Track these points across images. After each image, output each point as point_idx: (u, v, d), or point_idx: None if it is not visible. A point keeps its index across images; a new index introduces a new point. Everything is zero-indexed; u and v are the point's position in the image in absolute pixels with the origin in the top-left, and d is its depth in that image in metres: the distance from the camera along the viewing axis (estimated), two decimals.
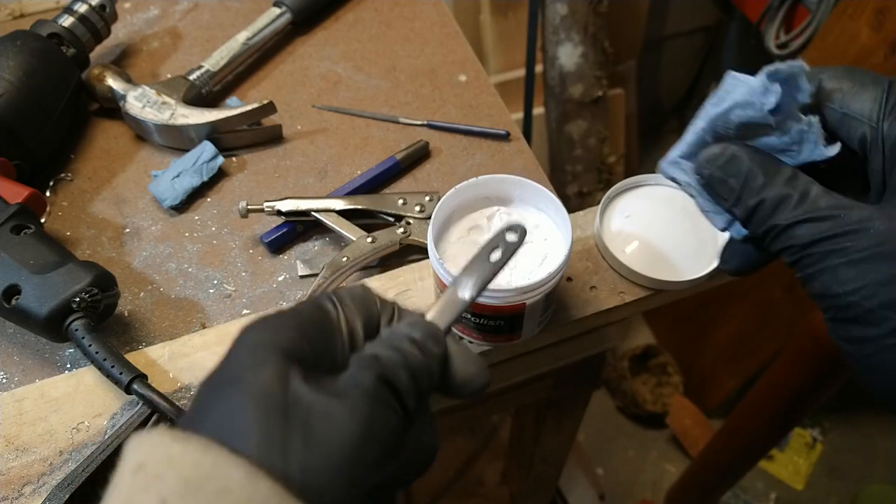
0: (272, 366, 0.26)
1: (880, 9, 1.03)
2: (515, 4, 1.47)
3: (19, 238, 0.51)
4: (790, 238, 0.30)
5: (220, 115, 0.65)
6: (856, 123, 0.31)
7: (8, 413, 0.48)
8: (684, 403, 1.65)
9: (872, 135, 0.31)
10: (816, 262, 0.29)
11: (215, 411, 0.25)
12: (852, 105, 0.32)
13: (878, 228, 0.28)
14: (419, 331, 0.31)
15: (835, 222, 0.29)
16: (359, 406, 0.26)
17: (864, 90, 0.31)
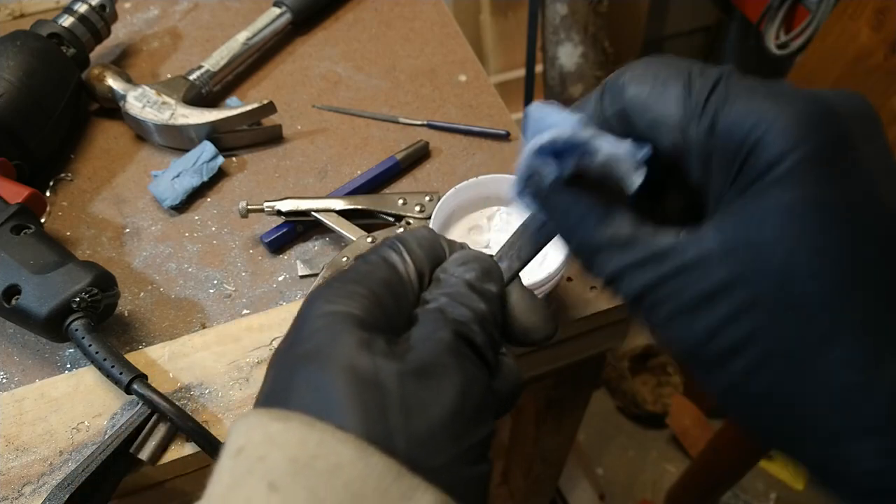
0: (352, 337, 0.25)
1: (880, 9, 1.03)
2: (515, 4, 1.47)
3: (19, 238, 0.51)
4: (620, 290, 0.27)
5: (220, 115, 0.65)
6: (664, 130, 0.26)
7: (8, 413, 0.48)
8: (684, 403, 1.65)
9: (682, 141, 0.26)
10: (651, 310, 0.26)
11: (301, 389, 0.24)
12: (656, 108, 0.26)
13: (699, 262, 0.24)
14: (473, 270, 0.30)
15: (653, 268, 0.25)
16: (447, 367, 0.25)
17: (667, 88, 0.26)
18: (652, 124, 0.26)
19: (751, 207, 0.23)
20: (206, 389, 0.49)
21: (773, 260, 0.23)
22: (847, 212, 0.22)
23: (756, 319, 0.23)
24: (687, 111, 0.25)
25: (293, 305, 0.53)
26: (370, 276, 0.28)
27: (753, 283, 0.23)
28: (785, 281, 0.23)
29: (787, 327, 0.23)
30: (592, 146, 0.26)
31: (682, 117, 0.25)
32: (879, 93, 1.05)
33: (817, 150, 0.22)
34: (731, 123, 0.24)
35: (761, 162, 0.23)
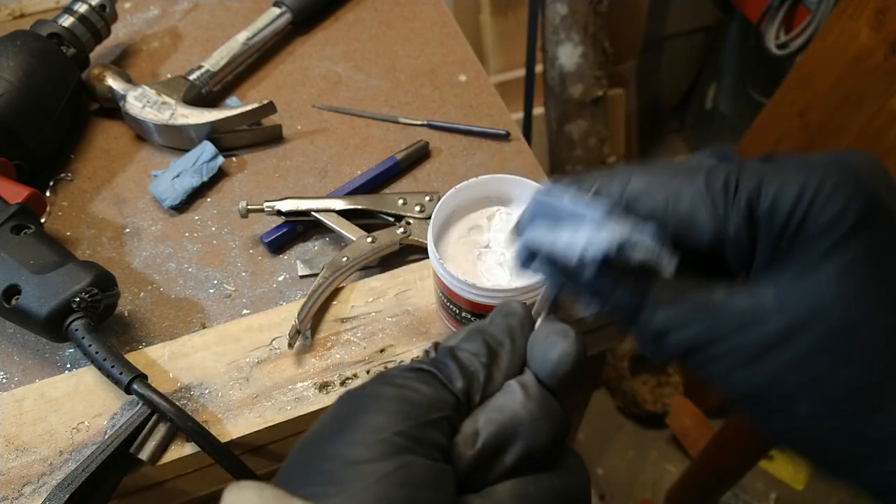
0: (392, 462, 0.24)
1: (880, 9, 1.03)
2: (515, 4, 1.47)
3: (19, 238, 0.51)
4: (667, 348, 0.27)
5: (220, 115, 0.65)
6: (695, 234, 0.26)
7: (8, 413, 0.48)
8: (684, 403, 1.65)
9: (716, 242, 0.26)
10: (702, 366, 0.26)
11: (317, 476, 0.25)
12: (677, 218, 0.27)
13: (757, 319, 0.25)
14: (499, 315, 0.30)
15: (707, 323, 0.26)
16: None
17: (682, 196, 0.26)
18: (679, 232, 0.27)
19: (804, 271, 0.24)
20: (206, 389, 0.49)
21: (833, 311, 0.24)
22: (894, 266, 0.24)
23: (812, 371, 0.24)
24: (715, 215, 0.26)
25: (293, 305, 0.53)
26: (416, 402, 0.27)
27: (813, 332, 0.24)
28: (844, 333, 0.24)
29: (844, 380, 0.24)
30: (636, 246, 0.27)
31: (713, 224, 0.26)
32: (879, 93, 1.05)
33: (864, 212, 0.24)
34: (773, 204, 0.25)
35: (814, 231, 0.24)
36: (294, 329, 0.50)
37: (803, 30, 1.26)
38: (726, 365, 0.26)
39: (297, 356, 0.51)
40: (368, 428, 0.25)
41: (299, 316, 0.50)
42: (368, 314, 0.53)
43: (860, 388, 0.24)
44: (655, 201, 0.27)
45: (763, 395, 0.25)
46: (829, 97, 1.15)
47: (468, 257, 0.48)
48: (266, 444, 0.49)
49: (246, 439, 0.47)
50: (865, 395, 0.24)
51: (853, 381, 0.24)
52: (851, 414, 0.24)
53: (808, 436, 0.26)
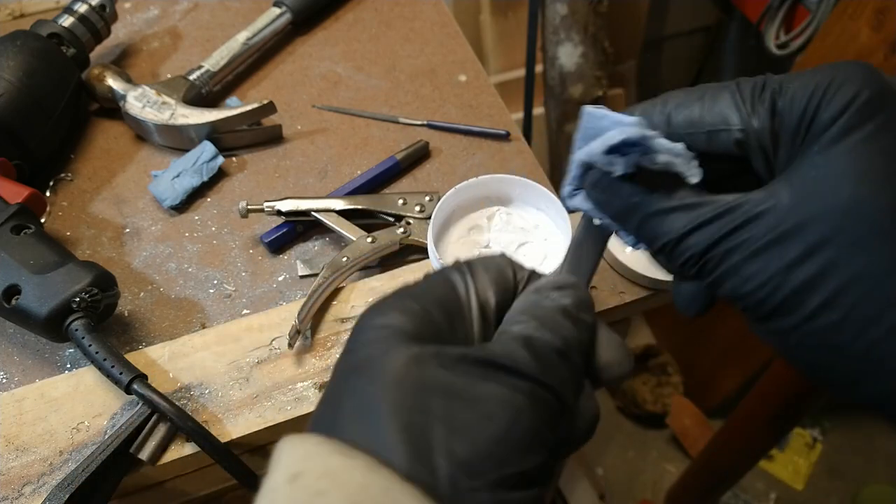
0: (402, 352, 0.25)
1: (880, 9, 1.03)
2: (515, 4, 1.47)
3: (19, 238, 0.51)
4: (686, 250, 0.28)
5: (220, 115, 0.65)
6: (724, 135, 0.29)
7: (8, 413, 0.48)
8: (684, 403, 1.65)
9: (745, 137, 0.29)
10: (717, 265, 0.28)
11: (349, 402, 0.24)
12: (711, 119, 0.29)
13: (770, 211, 0.26)
14: (570, 297, 0.28)
15: (724, 220, 0.27)
16: (498, 393, 0.24)
17: (716, 101, 0.29)
18: (711, 135, 0.29)
19: (817, 159, 0.26)
20: (206, 389, 0.49)
21: (842, 197, 0.25)
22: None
23: (829, 255, 0.25)
24: (743, 111, 0.28)
25: (293, 305, 0.53)
26: (427, 293, 0.28)
27: (824, 222, 0.25)
28: (855, 215, 0.24)
29: (860, 258, 0.24)
30: (656, 145, 0.28)
31: (740, 117, 0.28)
32: None
33: (872, 99, 0.25)
34: (792, 97, 0.27)
35: (828, 114, 0.26)
36: (294, 329, 0.50)
37: (803, 30, 1.26)
38: (737, 262, 0.27)
39: (297, 356, 0.51)
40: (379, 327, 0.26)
41: (299, 316, 0.50)
42: None
43: (871, 271, 0.24)
44: (692, 110, 0.29)
45: (774, 290, 0.26)
46: None
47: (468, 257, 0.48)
48: (266, 444, 0.49)
49: (246, 439, 0.47)
50: (877, 279, 0.24)
51: (863, 266, 0.24)
52: (862, 298, 0.24)
53: (813, 335, 0.26)
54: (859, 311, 0.25)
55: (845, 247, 0.24)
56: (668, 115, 0.30)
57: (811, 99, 0.26)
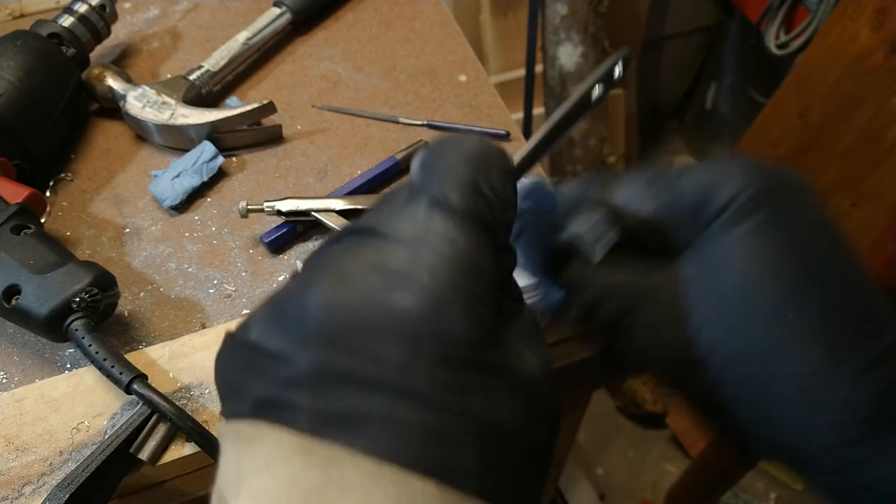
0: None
1: (880, 9, 1.03)
2: (515, 4, 1.47)
3: (19, 238, 0.51)
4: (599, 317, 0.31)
5: (220, 115, 0.65)
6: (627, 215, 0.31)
7: (8, 413, 0.48)
8: None
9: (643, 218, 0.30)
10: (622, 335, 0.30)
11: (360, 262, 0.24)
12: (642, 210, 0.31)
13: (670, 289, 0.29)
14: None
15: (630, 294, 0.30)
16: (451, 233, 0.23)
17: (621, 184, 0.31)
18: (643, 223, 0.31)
19: (713, 244, 0.28)
20: (206, 389, 0.49)
21: (733, 276, 0.27)
22: (793, 234, 0.27)
23: (720, 329, 0.27)
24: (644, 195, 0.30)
25: None
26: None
27: (718, 298, 0.27)
28: (745, 292, 0.26)
29: (749, 333, 0.26)
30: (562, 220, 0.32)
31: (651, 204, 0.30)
32: (879, 93, 1.05)
33: (762, 189, 0.27)
34: (687, 185, 0.29)
35: (717, 204, 0.27)
36: None
37: (803, 30, 1.26)
38: (645, 332, 0.29)
39: None
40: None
41: None
42: None
43: (759, 347, 0.26)
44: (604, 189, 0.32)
45: (678, 357, 0.28)
46: (829, 97, 1.15)
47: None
48: None
49: None
50: (766, 354, 0.26)
51: (752, 340, 0.26)
52: (749, 373, 0.26)
53: (715, 404, 0.27)
54: (747, 386, 0.26)
55: (729, 325, 0.26)
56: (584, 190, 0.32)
57: (706, 186, 0.28)
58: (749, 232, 0.27)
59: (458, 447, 0.20)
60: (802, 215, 0.27)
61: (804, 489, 1.61)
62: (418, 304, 0.21)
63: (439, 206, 0.23)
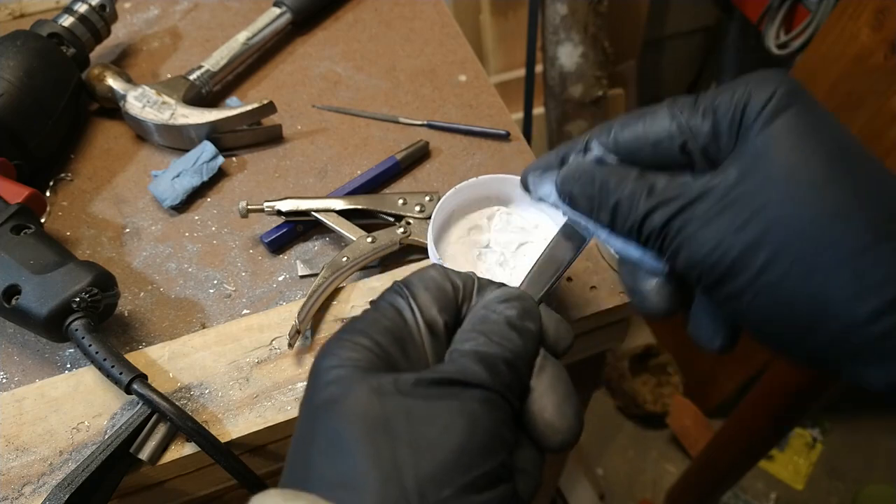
0: (361, 386, 0.27)
1: (880, 9, 1.02)
2: (515, 4, 1.47)
3: (19, 238, 0.51)
4: (648, 228, 0.31)
5: (220, 115, 0.65)
6: (667, 143, 0.32)
7: (8, 413, 0.48)
8: (684, 403, 1.65)
9: (686, 143, 0.32)
10: (674, 237, 0.30)
11: (320, 444, 0.26)
12: (653, 132, 0.33)
13: (718, 186, 0.30)
14: (514, 309, 0.31)
15: (680, 198, 0.30)
16: (454, 405, 0.26)
17: (656, 117, 0.33)
18: (655, 147, 0.33)
19: (755, 140, 0.29)
20: (206, 389, 0.49)
21: (777, 166, 0.28)
22: (824, 122, 0.29)
23: (769, 216, 0.28)
24: (681, 119, 0.32)
25: (293, 305, 0.53)
26: (374, 324, 0.30)
27: (764, 188, 0.28)
28: (788, 179, 0.28)
29: (795, 214, 0.27)
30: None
31: (679, 125, 0.32)
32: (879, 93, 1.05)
33: (790, 89, 0.30)
34: (722, 100, 0.31)
35: (756, 105, 0.30)
36: (294, 329, 0.50)
37: (803, 30, 1.26)
38: (692, 228, 0.30)
39: (297, 356, 0.51)
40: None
41: (299, 316, 0.50)
42: None
43: (808, 231, 0.27)
44: (635, 128, 0.33)
45: (727, 251, 0.29)
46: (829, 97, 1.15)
47: (468, 257, 0.48)
48: (266, 444, 0.49)
49: (246, 439, 0.47)
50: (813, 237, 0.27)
51: (800, 227, 0.27)
52: (800, 255, 0.27)
53: (759, 294, 0.28)
54: (800, 262, 0.27)
55: (782, 206, 0.28)
56: (613, 135, 0.34)
57: (740, 97, 0.30)
58: (788, 122, 0.29)
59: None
60: (824, 110, 0.30)
61: (804, 489, 1.61)
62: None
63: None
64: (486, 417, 0.27)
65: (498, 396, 0.28)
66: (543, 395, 0.30)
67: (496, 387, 0.28)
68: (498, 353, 0.29)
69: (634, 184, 0.32)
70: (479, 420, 0.26)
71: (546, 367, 0.31)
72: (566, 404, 0.30)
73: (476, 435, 0.26)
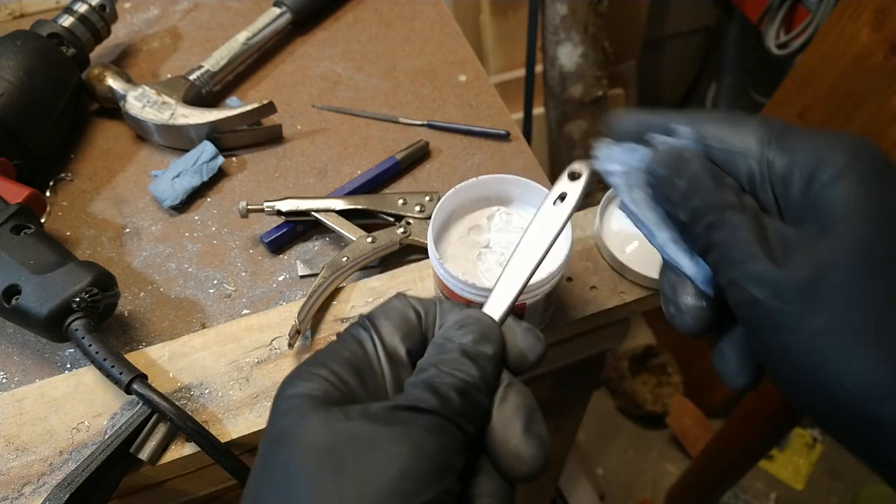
0: (313, 416, 0.27)
1: (880, 9, 1.03)
2: (515, 4, 1.47)
3: (19, 238, 0.51)
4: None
5: (220, 115, 0.65)
6: (740, 159, 0.32)
7: (8, 413, 0.48)
8: (684, 403, 1.66)
9: (759, 168, 0.31)
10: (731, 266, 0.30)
11: (270, 476, 0.27)
12: (734, 143, 0.32)
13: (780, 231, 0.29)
14: (470, 334, 0.31)
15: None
16: (397, 433, 0.26)
17: (744, 128, 0.32)
18: (731, 155, 0.32)
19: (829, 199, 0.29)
20: (206, 389, 0.49)
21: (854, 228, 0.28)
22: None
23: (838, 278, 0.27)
24: (764, 144, 0.31)
25: (293, 305, 0.53)
26: (335, 355, 0.30)
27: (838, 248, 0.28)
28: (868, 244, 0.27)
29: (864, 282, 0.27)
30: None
31: (761, 150, 0.31)
32: (879, 93, 1.05)
33: (877, 158, 0.29)
34: (802, 152, 0.30)
35: (828, 172, 0.29)
36: (294, 329, 0.50)
37: (803, 30, 1.26)
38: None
39: (297, 356, 0.51)
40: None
41: (299, 316, 0.50)
42: None
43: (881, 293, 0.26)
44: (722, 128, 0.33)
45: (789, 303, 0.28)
46: (829, 97, 1.15)
47: (468, 257, 0.48)
48: None
49: (246, 439, 0.47)
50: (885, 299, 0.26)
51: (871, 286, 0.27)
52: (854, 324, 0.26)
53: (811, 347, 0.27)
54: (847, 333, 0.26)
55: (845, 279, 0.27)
56: (699, 125, 0.33)
57: (819, 155, 0.29)
58: (869, 190, 0.28)
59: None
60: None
61: (804, 489, 1.61)
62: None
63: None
64: (431, 443, 0.26)
65: (447, 422, 0.27)
66: (507, 425, 0.29)
67: (445, 412, 0.27)
68: (450, 382, 0.28)
69: (730, 194, 0.31)
70: (423, 446, 0.26)
71: (509, 395, 0.30)
72: (530, 433, 0.30)
73: (420, 461, 0.26)
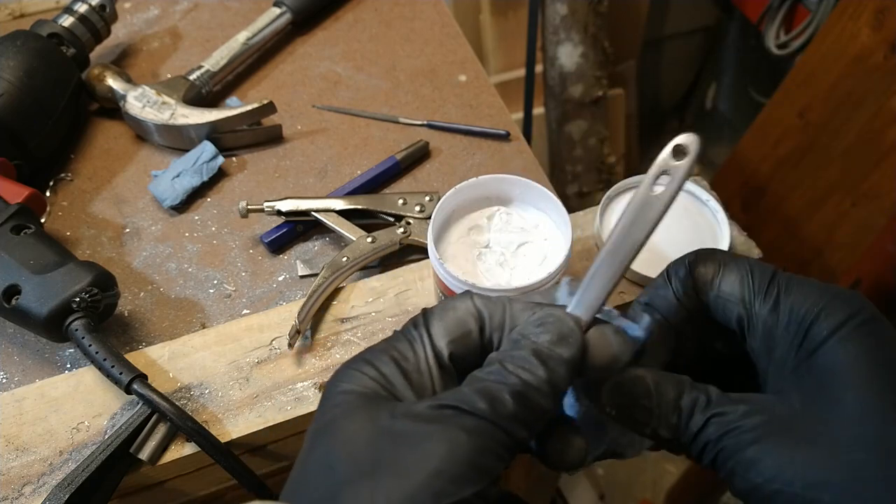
0: (359, 414, 0.28)
1: (880, 9, 1.03)
2: (515, 4, 1.47)
3: (19, 238, 0.51)
4: (703, 439, 0.30)
5: (220, 115, 0.65)
6: (730, 305, 0.32)
7: (8, 413, 0.48)
8: None
9: (747, 315, 0.32)
10: (731, 454, 0.29)
11: (315, 463, 0.28)
12: (723, 287, 0.32)
13: (784, 414, 0.29)
14: (548, 333, 0.29)
15: (740, 411, 0.29)
16: (434, 431, 0.26)
17: (729, 270, 0.32)
18: (719, 300, 0.33)
19: (820, 367, 0.29)
20: (206, 389, 0.49)
21: (847, 407, 0.28)
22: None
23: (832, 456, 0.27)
24: (748, 293, 0.32)
25: (293, 305, 0.53)
26: (384, 352, 0.30)
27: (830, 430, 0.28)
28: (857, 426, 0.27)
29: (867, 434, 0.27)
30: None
31: (745, 296, 0.32)
32: (879, 93, 1.05)
33: (869, 319, 0.29)
34: (794, 303, 0.30)
35: (824, 329, 0.29)
36: (294, 329, 0.50)
37: (803, 30, 1.26)
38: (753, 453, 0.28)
39: (297, 356, 0.51)
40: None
41: (299, 316, 0.50)
42: (368, 314, 0.53)
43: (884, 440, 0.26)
44: (709, 267, 0.34)
45: (790, 484, 0.27)
46: (829, 97, 1.15)
47: (468, 257, 0.48)
48: (266, 444, 0.49)
49: (246, 439, 0.47)
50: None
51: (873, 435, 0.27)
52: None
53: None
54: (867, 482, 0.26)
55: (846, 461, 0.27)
56: (688, 263, 0.34)
57: (811, 309, 0.30)
58: (862, 354, 0.28)
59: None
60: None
61: None
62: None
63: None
64: (468, 445, 0.26)
65: (490, 425, 0.26)
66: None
67: (491, 416, 0.26)
68: (510, 382, 0.28)
69: (692, 391, 0.31)
70: (460, 447, 0.26)
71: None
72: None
73: (454, 462, 0.25)
